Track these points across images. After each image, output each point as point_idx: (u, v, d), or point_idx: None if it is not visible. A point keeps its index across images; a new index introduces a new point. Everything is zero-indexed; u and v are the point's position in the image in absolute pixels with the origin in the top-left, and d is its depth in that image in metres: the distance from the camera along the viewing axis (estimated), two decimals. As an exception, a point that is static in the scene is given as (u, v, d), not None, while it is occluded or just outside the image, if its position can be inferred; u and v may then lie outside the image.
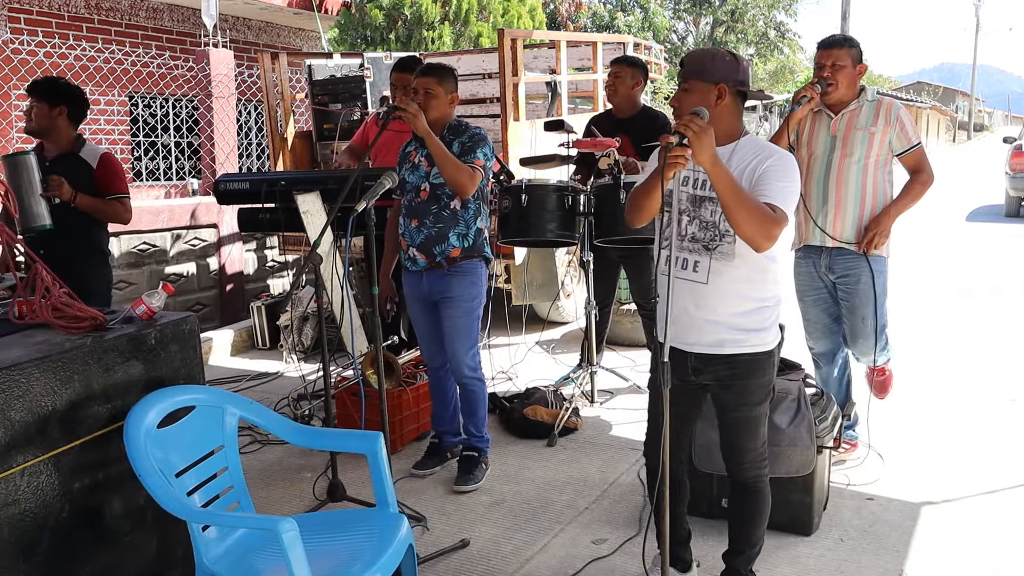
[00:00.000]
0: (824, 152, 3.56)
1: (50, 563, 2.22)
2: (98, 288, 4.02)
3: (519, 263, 5.71)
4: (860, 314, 3.57)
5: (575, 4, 21.46)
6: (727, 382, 2.50)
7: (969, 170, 22.54)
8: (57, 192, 3.72)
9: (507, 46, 5.39)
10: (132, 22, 8.54)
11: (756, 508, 2.62)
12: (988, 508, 3.40)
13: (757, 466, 2.59)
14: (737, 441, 2.58)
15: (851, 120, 3.52)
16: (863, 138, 3.50)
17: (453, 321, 3.61)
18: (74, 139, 3.99)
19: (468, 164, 3.47)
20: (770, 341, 2.50)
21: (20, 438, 2.13)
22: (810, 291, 3.73)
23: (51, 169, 3.84)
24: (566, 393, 4.61)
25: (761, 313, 2.47)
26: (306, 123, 7.06)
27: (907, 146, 3.53)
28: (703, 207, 2.45)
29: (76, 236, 3.91)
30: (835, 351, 3.80)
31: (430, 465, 3.87)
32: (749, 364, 2.47)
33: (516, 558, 3.10)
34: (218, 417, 2.52)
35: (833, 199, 3.54)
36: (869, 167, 3.51)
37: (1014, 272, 8.64)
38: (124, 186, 4.06)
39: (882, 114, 3.50)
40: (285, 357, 5.82)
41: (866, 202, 3.52)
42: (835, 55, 3.48)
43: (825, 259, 3.62)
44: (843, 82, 3.48)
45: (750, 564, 2.68)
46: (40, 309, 2.51)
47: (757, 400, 2.52)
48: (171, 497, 2.18)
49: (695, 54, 2.49)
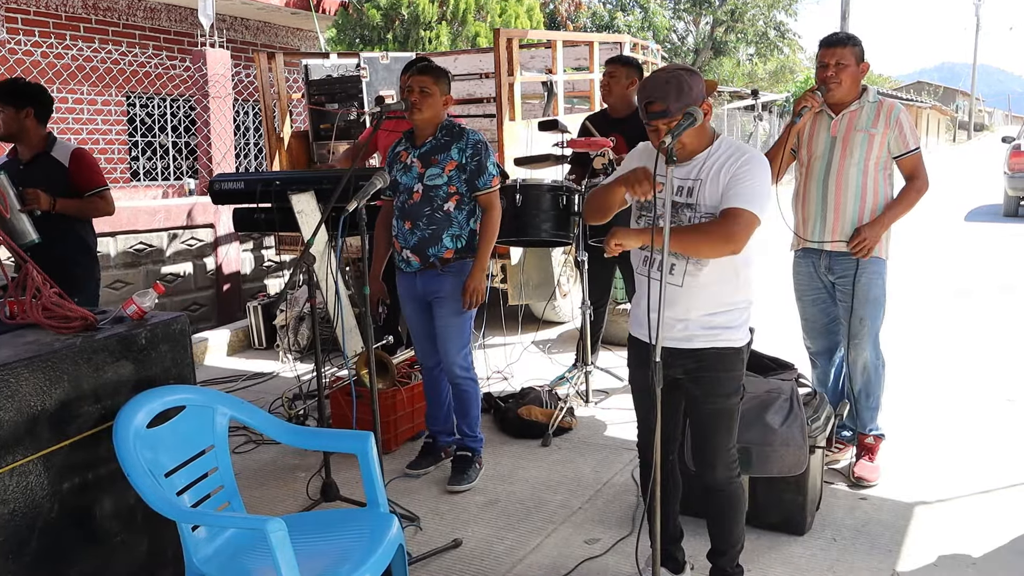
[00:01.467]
0: (824, 153, 3.54)
1: (39, 563, 2.22)
2: (87, 286, 4.01)
3: (515, 263, 5.71)
4: (858, 315, 3.56)
5: (574, 4, 21.46)
6: (695, 374, 2.54)
7: (968, 170, 22.53)
8: (36, 204, 3.69)
9: (503, 46, 5.39)
10: (129, 22, 8.54)
11: (731, 509, 2.64)
12: (982, 508, 3.40)
13: (728, 467, 2.59)
14: (708, 439, 2.58)
15: (851, 121, 3.50)
16: (863, 140, 3.47)
17: (445, 321, 3.60)
18: (44, 137, 3.95)
19: (487, 187, 3.54)
20: (739, 339, 2.53)
21: (9, 438, 2.13)
22: (809, 291, 3.72)
23: (26, 172, 3.82)
24: (561, 393, 4.61)
25: (730, 314, 2.51)
26: (303, 123, 7.06)
27: (904, 150, 3.49)
28: (681, 213, 2.47)
29: (63, 239, 3.89)
30: (832, 350, 3.80)
31: (424, 465, 3.87)
32: (716, 357, 2.51)
33: (509, 558, 3.10)
34: (208, 417, 2.52)
35: (832, 201, 3.52)
36: (869, 169, 3.49)
37: (1013, 272, 8.63)
38: (101, 179, 4.02)
39: (883, 116, 3.47)
40: (281, 357, 5.82)
41: (866, 204, 3.50)
42: (838, 53, 3.43)
43: (825, 260, 3.61)
44: (846, 81, 3.44)
45: (734, 561, 2.70)
46: (30, 309, 2.51)
47: (726, 392, 2.54)
48: (160, 497, 2.18)
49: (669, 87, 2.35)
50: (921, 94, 47.32)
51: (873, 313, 3.56)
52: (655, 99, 2.37)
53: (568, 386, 4.75)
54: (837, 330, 3.72)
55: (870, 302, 3.54)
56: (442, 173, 3.50)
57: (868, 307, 3.54)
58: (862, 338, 3.59)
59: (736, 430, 2.61)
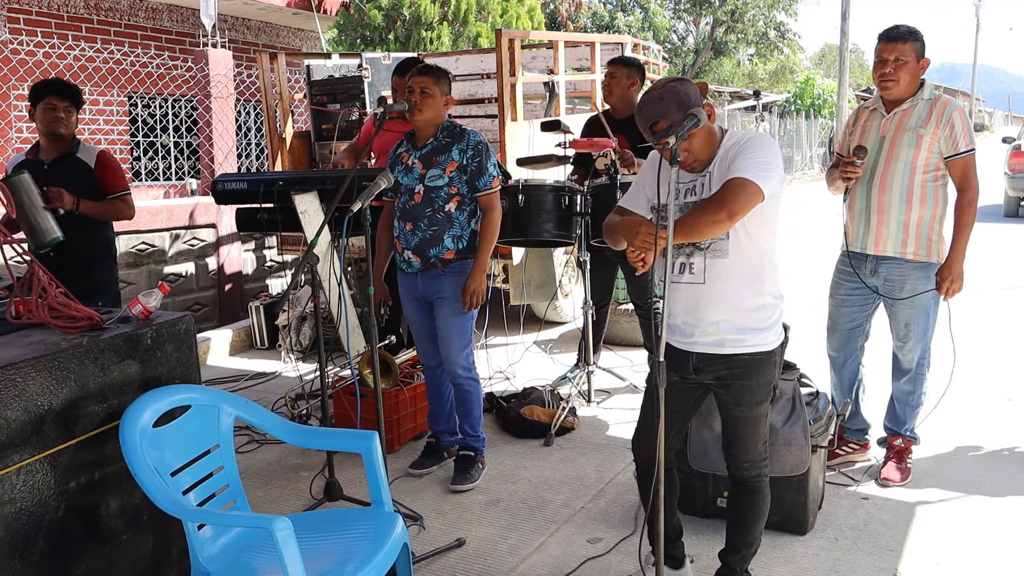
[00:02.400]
0: (872, 154, 3.39)
1: (46, 562, 2.23)
2: (110, 288, 4.07)
3: (517, 263, 5.72)
4: (902, 319, 3.48)
5: (575, 4, 21.47)
6: (726, 381, 2.51)
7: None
8: (59, 203, 3.74)
9: (504, 46, 5.40)
10: (131, 22, 8.55)
11: (754, 507, 2.63)
12: (983, 508, 3.40)
13: (756, 466, 2.60)
14: (737, 440, 2.59)
15: (902, 120, 3.35)
16: (911, 140, 3.31)
17: (447, 321, 3.61)
18: (71, 139, 4.01)
19: (487, 188, 3.54)
20: (771, 341, 2.49)
21: (16, 437, 2.14)
22: (841, 292, 3.62)
23: (50, 172, 3.85)
24: (563, 393, 4.63)
25: (761, 311, 2.47)
26: (305, 123, 7.07)
27: (954, 151, 3.30)
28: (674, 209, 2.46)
29: (87, 239, 3.96)
30: (849, 357, 3.71)
31: (427, 464, 3.88)
32: (748, 364, 2.48)
33: (512, 557, 3.11)
34: (213, 416, 2.53)
35: (876, 205, 3.39)
36: (917, 172, 3.32)
37: (1012, 272, 8.64)
38: (124, 183, 4.11)
39: (935, 114, 3.30)
40: (283, 357, 5.83)
41: (912, 209, 3.34)
42: (898, 49, 3.26)
43: (871, 263, 3.50)
44: (905, 79, 3.28)
45: (746, 564, 2.69)
46: (37, 309, 2.52)
47: (755, 400, 2.52)
48: (166, 496, 2.19)
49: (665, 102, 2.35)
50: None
51: (921, 317, 3.47)
52: (657, 118, 2.36)
53: (570, 386, 4.76)
54: (857, 338, 3.66)
55: (916, 307, 3.45)
56: (443, 174, 3.51)
57: (917, 313, 3.45)
58: (907, 341, 3.52)
59: (766, 429, 2.60)
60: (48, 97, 3.90)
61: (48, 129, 3.92)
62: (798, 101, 26.61)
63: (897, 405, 3.69)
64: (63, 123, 3.93)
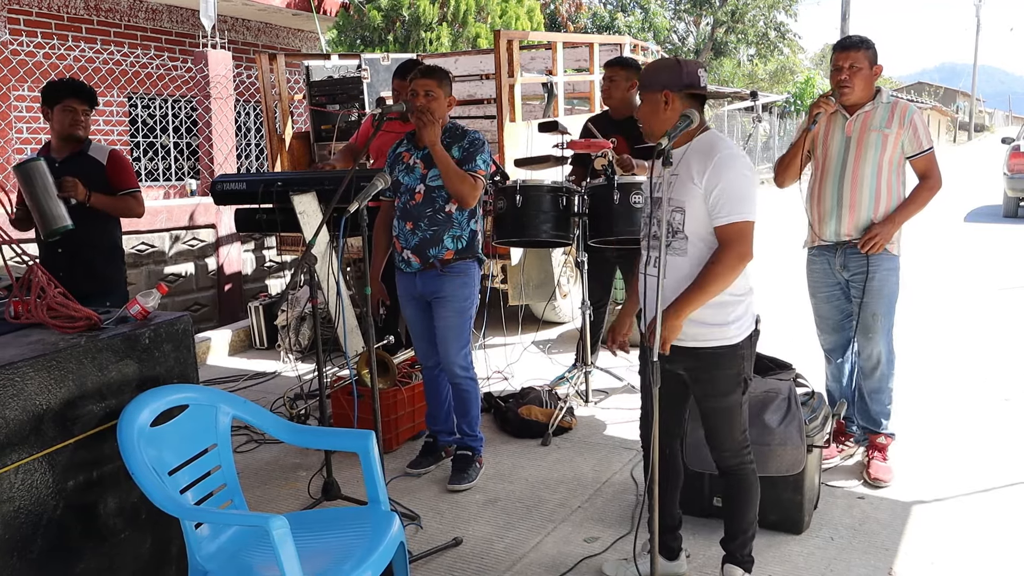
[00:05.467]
0: (839, 153, 3.58)
1: (45, 560, 2.24)
2: (118, 287, 4.11)
3: (515, 263, 5.74)
4: (871, 311, 3.59)
5: (575, 5, 21.47)
6: (695, 373, 2.62)
7: (968, 170, 22.52)
8: (72, 193, 3.77)
9: (503, 47, 5.42)
10: (131, 23, 8.56)
11: (741, 494, 2.71)
12: (979, 507, 3.42)
13: (737, 454, 2.68)
14: (714, 429, 2.68)
15: (866, 121, 3.53)
16: (877, 139, 3.51)
17: (445, 321, 3.62)
18: (82, 138, 4.03)
19: (469, 173, 3.50)
20: (732, 336, 2.57)
21: (14, 436, 2.15)
22: (823, 288, 3.75)
23: (62, 170, 3.87)
24: (561, 393, 4.64)
25: (722, 308, 2.55)
26: (304, 124, 7.08)
27: (918, 150, 3.54)
28: (659, 207, 2.53)
29: (96, 234, 4.00)
30: (845, 347, 3.83)
31: (425, 464, 3.89)
32: (712, 357, 2.58)
33: (509, 556, 3.12)
34: (211, 416, 2.54)
35: (848, 200, 3.56)
36: (883, 168, 3.52)
37: (1012, 272, 8.66)
38: (134, 181, 4.15)
39: (896, 116, 3.51)
40: (282, 357, 5.84)
41: (880, 203, 3.54)
42: (852, 57, 3.48)
43: (840, 257, 3.64)
44: (859, 84, 3.49)
45: (745, 548, 2.74)
46: (35, 309, 2.53)
47: (724, 391, 2.61)
48: (164, 495, 2.20)
49: (645, 67, 2.72)
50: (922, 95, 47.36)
51: (886, 309, 3.60)
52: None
53: (568, 386, 4.77)
54: (850, 327, 3.75)
55: (883, 298, 3.58)
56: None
57: (881, 303, 3.58)
58: (875, 333, 3.62)
59: (743, 419, 2.67)
60: (67, 100, 3.92)
61: (67, 132, 3.95)
62: (798, 101, 26.62)
63: (870, 403, 3.75)
64: (82, 125, 3.96)
